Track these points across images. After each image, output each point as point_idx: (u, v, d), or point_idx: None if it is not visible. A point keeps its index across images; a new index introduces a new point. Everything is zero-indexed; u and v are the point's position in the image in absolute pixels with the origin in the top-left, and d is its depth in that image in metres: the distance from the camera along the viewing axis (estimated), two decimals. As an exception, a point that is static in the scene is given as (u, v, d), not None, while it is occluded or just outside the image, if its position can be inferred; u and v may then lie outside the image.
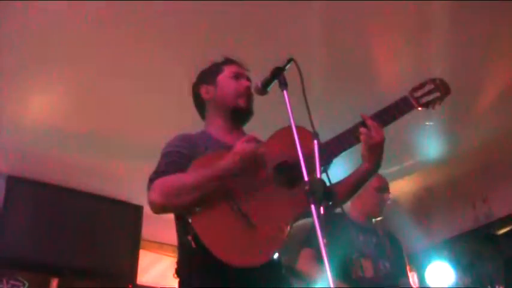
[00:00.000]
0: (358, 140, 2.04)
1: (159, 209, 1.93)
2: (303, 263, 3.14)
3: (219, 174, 1.90)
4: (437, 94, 2.11)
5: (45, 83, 3.97)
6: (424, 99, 2.11)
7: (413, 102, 2.09)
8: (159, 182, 1.93)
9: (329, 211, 1.94)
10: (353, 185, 2.15)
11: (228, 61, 2.33)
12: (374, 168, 2.09)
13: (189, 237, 1.90)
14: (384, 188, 3.36)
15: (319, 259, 3.17)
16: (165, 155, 2.06)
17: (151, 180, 1.97)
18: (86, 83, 3.97)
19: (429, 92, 2.11)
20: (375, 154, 2.05)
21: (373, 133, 2.01)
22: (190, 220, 1.88)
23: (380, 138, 2.02)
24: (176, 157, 2.02)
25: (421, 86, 2.12)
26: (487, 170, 5.00)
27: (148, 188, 1.95)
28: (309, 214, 1.61)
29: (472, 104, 4.29)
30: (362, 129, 2.03)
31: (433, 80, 2.13)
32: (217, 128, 2.22)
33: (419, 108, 2.11)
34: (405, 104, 2.09)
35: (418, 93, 2.11)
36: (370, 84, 3.94)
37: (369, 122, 2.03)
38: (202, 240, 1.83)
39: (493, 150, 4.79)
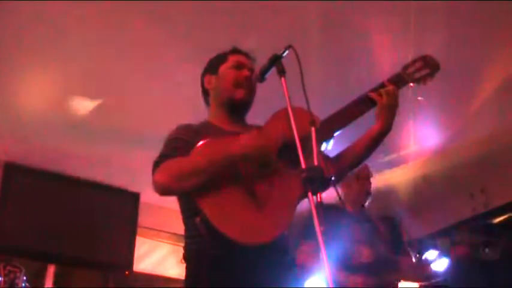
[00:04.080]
0: (370, 105, 2.11)
1: (166, 190, 1.95)
2: (302, 257, 3.21)
3: (227, 161, 1.91)
4: (427, 71, 2.17)
5: (44, 71, 3.96)
6: (416, 75, 2.17)
7: (406, 78, 2.16)
8: (166, 164, 1.95)
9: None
10: (367, 144, 2.18)
11: (234, 51, 2.32)
12: (387, 128, 2.14)
13: (197, 219, 1.91)
14: (362, 176, 3.45)
15: (318, 252, 3.28)
16: (169, 142, 2.09)
17: (157, 163, 1.98)
18: (84, 71, 3.96)
19: (420, 69, 2.18)
20: (390, 113, 2.12)
21: (391, 92, 2.10)
22: (198, 201, 1.89)
23: (396, 98, 2.11)
24: (180, 144, 2.04)
25: (412, 63, 2.19)
26: (486, 160, 5.00)
27: (154, 170, 1.97)
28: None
29: (472, 95, 4.29)
30: (382, 90, 2.11)
31: (422, 58, 2.20)
32: (218, 118, 2.22)
33: (411, 84, 2.18)
34: (398, 80, 2.16)
35: (410, 70, 2.18)
36: (368, 71, 3.93)
37: (387, 83, 2.13)
38: (211, 220, 1.84)
39: (492, 141, 4.79)
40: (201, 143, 2.00)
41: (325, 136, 2.02)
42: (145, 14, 3.44)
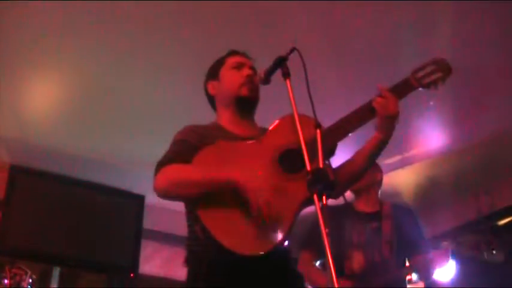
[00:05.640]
0: (372, 115, 2.05)
1: (163, 194, 1.98)
2: (301, 265, 3.21)
3: (226, 184, 1.91)
4: (439, 74, 2.09)
5: (48, 73, 3.97)
6: (426, 80, 2.09)
7: (415, 84, 2.08)
8: (168, 169, 1.98)
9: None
10: (368, 155, 2.14)
11: (231, 53, 2.35)
12: (387, 138, 2.09)
13: (197, 228, 1.95)
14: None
15: (316, 260, 3.32)
16: (174, 144, 2.11)
17: (159, 165, 2.01)
18: (88, 72, 3.96)
19: (431, 73, 2.10)
20: (389, 124, 2.06)
21: (389, 103, 2.03)
22: (197, 211, 1.92)
23: (395, 108, 2.04)
24: (184, 147, 2.06)
25: (423, 67, 2.11)
26: (491, 162, 4.99)
27: (156, 172, 1.99)
28: (312, 201, 1.63)
29: (478, 97, 4.28)
30: (378, 99, 2.04)
31: (434, 61, 2.12)
32: (226, 120, 2.24)
33: (421, 89, 2.10)
34: (406, 85, 2.09)
35: (420, 74, 2.10)
36: (373, 75, 3.93)
37: (385, 93, 2.05)
38: (210, 231, 1.87)
39: (497, 143, 4.78)
40: (206, 149, 2.02)
41: (325, 147, 2.01)
42: (149, 16, 3.45)
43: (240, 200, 1.89)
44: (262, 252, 1.86)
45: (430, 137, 4.78)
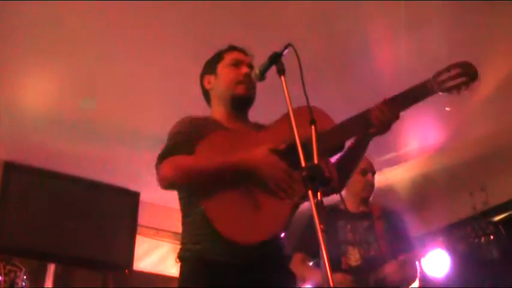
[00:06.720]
0: (368, 127, 2.01)
1: (170, 184, 2.00)
2: (293, 265, 3.23)
3: (236, 168, 1.94)
4: (464, 79, 1.97)
5: (43, 70, 3.95)
6: (449, 84, 1.98)
7: (435, 87, 1.97)
8: (174, 159, 1.99)
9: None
10: (359, 155, 2.15)
11: (230, 48, 2.33)
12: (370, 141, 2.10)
13: (188, 225, 2.01)
14: (365, 170, 3.40)
15: (309, 261, 3.36)
16: (171, 136, 2.11)
17: (162, 157, 2.02)
18: (83, 70, 3.95)
19: (455, 76, 1.98)
20: (374, 136, 2.05)
21: (391, 120, 1.99)
22: (200, 201, 1.94)
23: (388, 127, 2.00)
24: (182, 138, 2.07)
25: (446, 70, 1.99)
26: (486, 158, 5.00)
27: (159, 163, 2.01)
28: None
29: (472, 93, 4.27)
30: (376, 112, 1.98)
31: (460, 64, 2.00)
32: (220, 115, 2.24)
33: (441, 93, 2.00)
34: (424, 89, 1.98)
35: (442, 77, 1.99)
36: (367, 73, 3.94)
37: (383, 107, 1.98)
38: (211, 219, 1.89)
39: (491, 140, 4.79)
40: (204, 141, 2.03)
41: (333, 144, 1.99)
42: (147, 12, 3.44)
43: (242, 187, 1.93)
44: (257, 241, 1.87)
45: (425, 134, 4.79)
